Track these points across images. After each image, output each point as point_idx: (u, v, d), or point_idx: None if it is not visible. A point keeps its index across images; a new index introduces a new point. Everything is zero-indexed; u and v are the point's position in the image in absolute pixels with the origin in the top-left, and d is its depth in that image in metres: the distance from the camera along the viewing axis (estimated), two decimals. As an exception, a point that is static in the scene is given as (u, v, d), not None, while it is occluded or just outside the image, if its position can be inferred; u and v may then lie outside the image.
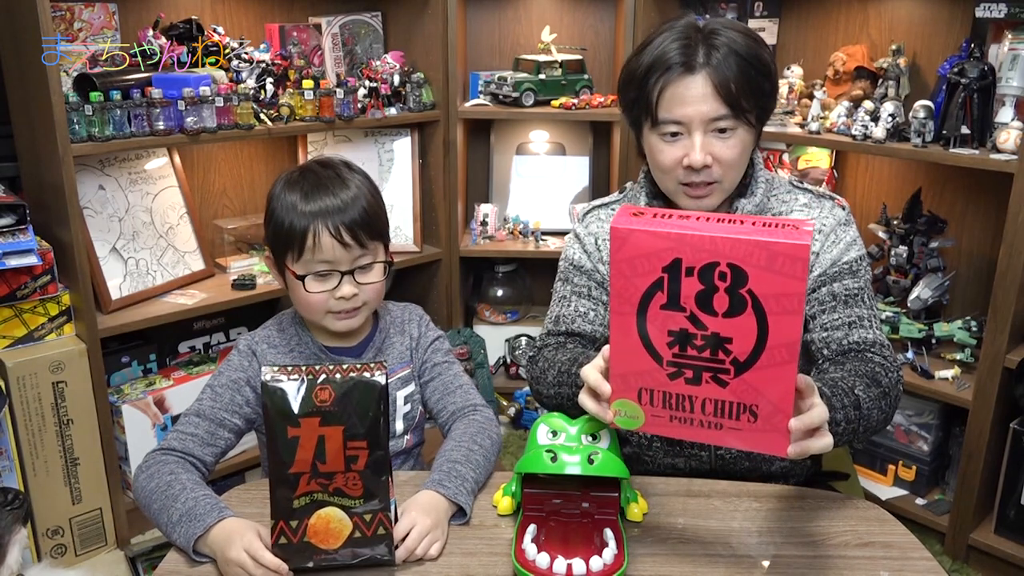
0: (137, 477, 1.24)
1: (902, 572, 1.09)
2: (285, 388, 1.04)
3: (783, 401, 0.97)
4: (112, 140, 2.07)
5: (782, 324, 0.93)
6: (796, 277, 0.91)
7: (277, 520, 1.05)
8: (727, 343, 0.96)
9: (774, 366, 0.95)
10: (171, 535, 1.15)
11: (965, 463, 2.18)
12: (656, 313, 0.98)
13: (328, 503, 1.06)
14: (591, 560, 1.03)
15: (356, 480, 1.05)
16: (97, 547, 2.23)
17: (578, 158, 3.00)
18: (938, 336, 2.34)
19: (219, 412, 1.31)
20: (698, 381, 0.99)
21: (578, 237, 1.48)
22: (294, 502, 1.05)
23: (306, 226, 1.28)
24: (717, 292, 0.95)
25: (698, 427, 1.02)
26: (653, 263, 0.96)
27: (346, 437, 1.04)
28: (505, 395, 2.92)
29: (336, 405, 1.04)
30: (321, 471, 1.04)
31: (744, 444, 1.01)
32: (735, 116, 1.28)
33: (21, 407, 2.04)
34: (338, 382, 1.05)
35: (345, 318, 1.34)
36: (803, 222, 0.94)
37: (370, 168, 2.72)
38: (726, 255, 0.93)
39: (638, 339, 1.00)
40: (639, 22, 2.63)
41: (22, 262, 2.00)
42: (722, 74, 1.25)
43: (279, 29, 2.55)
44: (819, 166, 2.61)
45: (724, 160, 1.30)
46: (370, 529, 1.07)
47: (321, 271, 1.30)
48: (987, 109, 2.12)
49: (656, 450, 1.46)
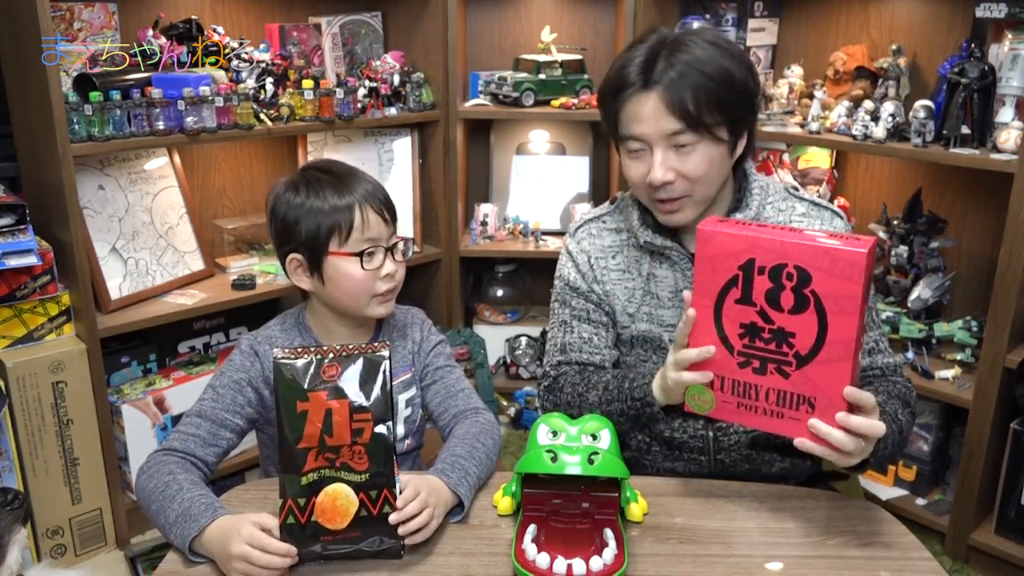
0: (138, 478, 1.24)
1: (902, 572, 1.10)
2: (296, 365, 1.08)
3: (838, 395, 1.07)
4: (112, 140, 2.07)
5: (840, 323, 1.05)
6: (854, 281, 1.03)
7: (285, 500, 1.07)
8: (791, 337, 1.09)
9: (832, 361, 1.06)
10: (168, 536, 1.15)
11: (965, 463, 2.18)
12: (731, 307, 1.12)
13: (336, 479, 1.08)
14: (591, 560, 1.03)
15: (362, 454, 1.08)
16: (97, 547, 2.23)
17: (578, 158, 3.00)
18: (938, 336, 2.34)
19: (221, 412, 1.31)
20: (764, 371, 1.12)
21: (571, 255, 1.47)
22: (302, 479, 1.07)
23: (351, 210, 1.31)
24: (784, 290, 1.08)
25: (761, 415, 1.14)
26: (731, 262, 1.10)
27: (352, 410, 1.08)
28: (505, 395, 2.92)
29: (343, 380, 1.09)
30: (328, 445, 1.07)
31: (802, 433, 1.11)
32: (694, 131, 1.26)
33: (21, 407, 2.04)
34: (344, 358, 1.10)
35: (385, 301, 1.38)
36: (864, 237, 1.06)
37: (370, 168, 2.72)
38: (794, 258, 1.06)
39: (714, 329, 1.13)
40: (639, 22, 2.63)
41: (22, 262, 2.00)
42: (676, 90, 1.24)
43: (279, 29, 2.55)
44: (819, 166, 2.61)
45: (688, 174, 1.28)
46: (376, 507, 1.09)
47: (369, 248, 1.33)
48: (987, 109, 2.12)
49: (655, 454, 1.46)
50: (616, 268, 1.44)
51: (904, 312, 2.38)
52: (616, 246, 1.45)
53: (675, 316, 1.39)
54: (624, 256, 1.44)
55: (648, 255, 1.41)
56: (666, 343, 1.40)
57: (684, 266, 1.38)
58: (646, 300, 1.41)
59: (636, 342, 1.43)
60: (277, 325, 1.43)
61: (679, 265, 1.39)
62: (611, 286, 1.43)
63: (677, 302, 1.39)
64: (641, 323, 1.41)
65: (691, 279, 1.36)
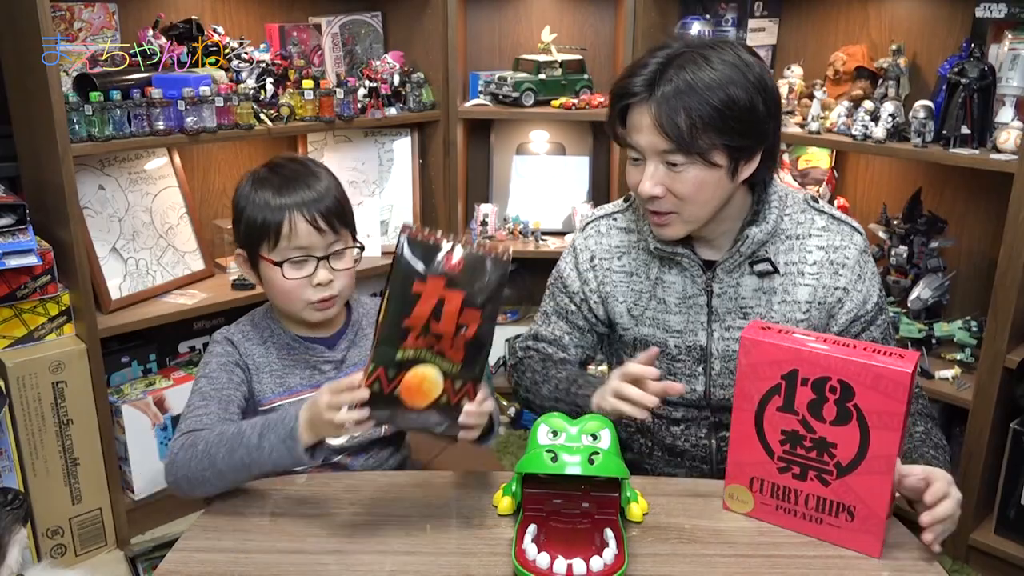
0: (174, 462, 1.22)
1: (902, 572, 1.10)
2: (423, 245, 1.07)
3: (879, 506, 1.09)
4: (112, 140, 2.07)
5: (882, 438, 1.06)
6: (897, 399, 1.03)
7: (376, 367, 1.07)
8: (832, 448, 1.09)
9: (872, 474, 1.08)
10: (260, 458, 1.15)
11: (965, 463, 2.18)
12: (772, 413, 1.12)
13: (428, 361, 1.08)
14: (591, 560, 1.03)
15: (460, 347, 1.08)
16: (97, 547, 2.23)
17: (578, 158, 3.00)
18: (938, 336, 2.34)
19: (222, 391, 1.32)
20: (804, 477, 1.13)
21: (574, 251, 1.47)
22: (398, 353, 1.07)
23: (281, 215, 1.30)
24: (827, 402, 1.08)
25: (800, 519, 1.15)
26: (774, 370, 1.10)
27: (464, 304, 1.07)
28: (505, 395, 2.92)
29: (463, 272, 1.07)
30: (432, 331, 1.07)
31: (841, 541, 1.12)
32: (684, 153, 1.22)
33: (21, 407, 2.04)
34: (468, 253, 1.08)
35: (322, 308, 1.35)
36: (908, 352, 1.06)
37: (370, 168, 2.73)
38: (837, 372, 1.06)
39: (755, 433, 1.14)
40: (639, 22, 2.63)
41: (22, 262, 2.00)
42: (669, 110, 1.20)
43: (279, 29, 2.55)
44: (819, 166, 2.61)
45: (677, 193, 1.26)
46: (456, 396, 1.10)
47: (297, 257, 1.32)
48: (987, 109, 2.12)
49: (657, 459, 1.46)
50: (621, 269, 1.43)
51: (904, 312, 2.38)
52: (624, 246, 1.43)
53: (681, 322, 1.38)
54: (631, 258, 1.42)
55: (657, 259, 1.40)
56: (671, 348, 1.40)
57: (694, 272, 1.36)
58: (651, 304, 1.40)
59: (639, 345, 1.41)
60: (247, 320, 1.43)
61: (689, 271, 1.37)
62: (612, 288, 1.43)
63: (684, 308, 1.38)
64: (645, 327, 1.41)
65: (700, 285, 1.37)
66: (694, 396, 1.40)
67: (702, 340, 1.38)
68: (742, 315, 1.36)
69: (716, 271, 1.35)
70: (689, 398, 1.40)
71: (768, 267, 1.34)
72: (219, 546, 1.14)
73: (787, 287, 1.35)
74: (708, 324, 1.37)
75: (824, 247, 1.36)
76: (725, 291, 1.36)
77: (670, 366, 1.40)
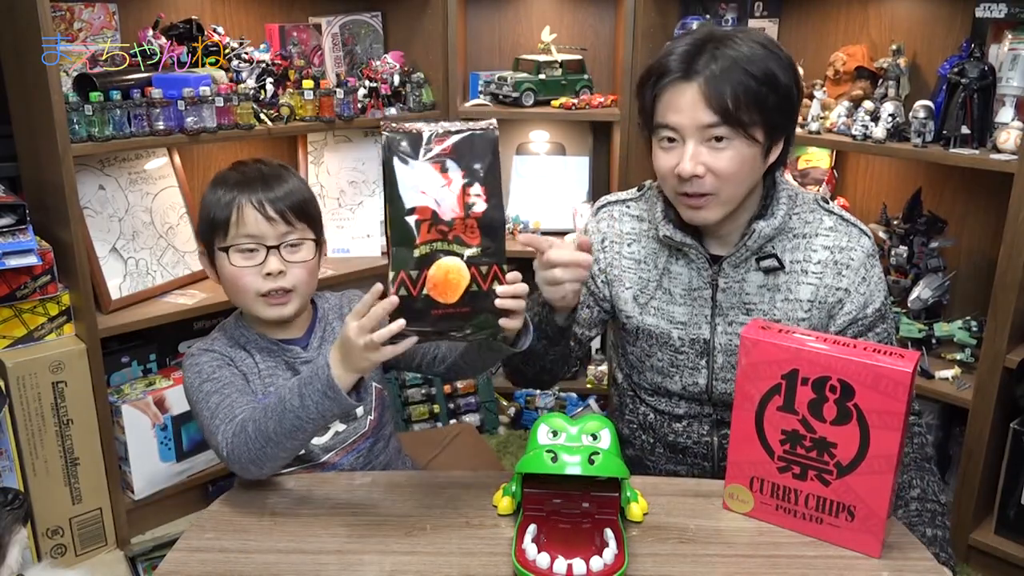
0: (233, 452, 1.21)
1: (902, 572, 1.10)
2: (406, 136, 1.06)
3: (879, 506, 1.09)
4: (112, 140, 2.07)
5: (882, 438, 1.06)
6: (898, 399, 1.04)
7: (398, 271, 1.06)
8: (832, 447, 1.10)
9: (873, 474, 1.08)
10: (310, 416, 1.15)
11: (965, 463, 2.18)
12: (772, 413, 1.13)
13: (448, 252, 1.07)
14: (591, 560, 1.03)
15: (474, 228, 1.07)
16: (97, 547, 2.23)
17: (578, 158, 3.00)
18: (938, 336, 2.34)
19: (234, 383, 1.31)
20: (804, 477, 1.13)
21: (586, 232, 1.48)
22: (415, 251, 1.06)
23: (230, 202, 1.31)
24: (827, 402, 1.08)
25: (800, 519, 1.15)
26: (774, 370, 1.11)
27: (466, 183, 1.07)
28: (505, 395, 2.92)
29: (454, 152, 1.07)
30: (442, 219, 1.06)
31: (840, 541, 1.13)
32: (730, 126, 1.24)
33: (21, 407, 2.04)
34: (454, 133, 1.08)
35: (276, 303, 1.34)
36: (908, 352, 1.07)
37: (370, 168, 2.73)
38: (837, 371, 1.06)
39: (755, 433, 1.14)
40: (639, 22, 2.63)
41: (22, 262, 2.00)
42: (717, 83, 1.23)
43: (279, 29, 2.55)
44: (819, 166, 2.61)
45: (718, 171, 1.26)
46: (486, 282, 1.08)
47: (245, 244, 1.31)
48: (987, 109, 2.12)
49: (659, 456, 1.46)
50: (631, 256, 1.43)
51: (904, 312, 2.38)
52: (635, 234, 1.44)
53: (686, 314, 1.39)
54: (641, 246, 1.43)
55: (666, 249, 1.41)
56: (674, 339, 1.40)
57: (700, 265, 1.37)
58: (658, 294, 1.41)
59: (641, 334, 1.43)
60: (218, 332, 1.43)
61: (696, 264, 1.38)
62: (620, 272, 1.43)
63: (689, 300, 1.39)
64: (649, 316, 1.41)
65: (706, 279, 1.37)
66: (696, 389, 1.40)
67: (705, 333, 1.38)
68: (745, 311, 1.37)
69: (723, 265, 1.36)
70: (692, 391, 1.41)
71: (774, 263, 1.34)
72: (219, 546, 1.14)
73: (791, 285, 1.36)
74: (712, 318, 1.38)
75: (830, 247, 1.36)
76: (730, 286, 1.37)
77: (673, 357, 1.41)
